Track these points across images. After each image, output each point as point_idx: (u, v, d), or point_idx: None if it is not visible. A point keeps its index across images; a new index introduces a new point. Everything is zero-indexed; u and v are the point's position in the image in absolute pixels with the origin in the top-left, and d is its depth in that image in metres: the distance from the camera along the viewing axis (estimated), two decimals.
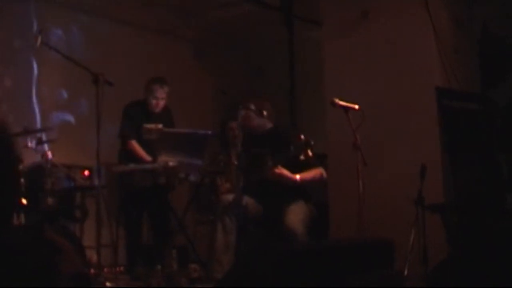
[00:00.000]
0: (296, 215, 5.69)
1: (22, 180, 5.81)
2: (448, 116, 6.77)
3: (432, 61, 6.92)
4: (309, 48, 9.09)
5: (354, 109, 5.64)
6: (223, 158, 7.73)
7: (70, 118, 8.10)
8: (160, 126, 6.96)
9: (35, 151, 5.87)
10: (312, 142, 5.43)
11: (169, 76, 8.03)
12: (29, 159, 6.36)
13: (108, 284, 5.86)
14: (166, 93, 7.19)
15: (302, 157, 5.42)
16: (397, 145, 6.86)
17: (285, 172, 5.72)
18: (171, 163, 6.54)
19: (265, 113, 5.97)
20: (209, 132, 7.18)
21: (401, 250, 4.91)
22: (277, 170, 5.68)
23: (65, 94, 8.15)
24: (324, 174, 6.08)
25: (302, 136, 5.46)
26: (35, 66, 7.76)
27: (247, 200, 5.83)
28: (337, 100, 5.61)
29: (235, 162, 6.94)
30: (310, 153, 5.40)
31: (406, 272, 5.23)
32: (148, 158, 6.85)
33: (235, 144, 7.70)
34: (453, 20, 7.38)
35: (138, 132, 6.91)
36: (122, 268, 7.11)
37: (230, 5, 9.04)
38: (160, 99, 7.16)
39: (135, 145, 7.00)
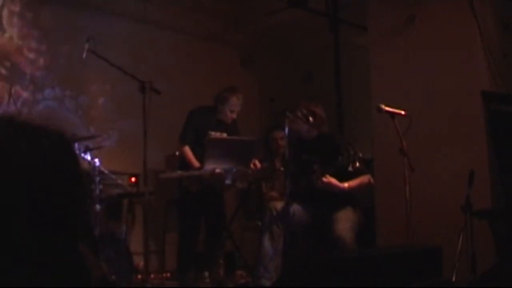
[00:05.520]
0: (345, 222, 5.68)
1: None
2: (496, 120, 6.70)
3: (479, 65, 6.85)
4: (355, 53, 9.07)
5: (400, 114, 5.61)
6: (268, 165, 7.74)
7: (117, 125, 8.16)
8: (224, 135, 6.97)
9: (82, 158, 5.92)
10: (361, 154, 5.44)
11: (216, 83, 8.06)
12: None
13: None
14: (241, 104, 7.16)
15: (350, 169, 5.43)
16: (444, 150, 6.81)
17: (333, 181, 5.71)
18: (217, 170, 6.56)
19: (311, 119, 5.96)
20: (256, 139, 7.15)
21: (449, 256, 4.88)
22: (325, 179, 5.68)
23: (112, 102, 8.21)
24: (372, 180, 6.06)
25: (350, 148, 5.45)
26: (83, 74, 7.83)
27: (295, 207, 5.83)
28: (383, 106, 5.58)
29: (281, 169, 6.95)
30: (357, 164, 5.40)
31: (454, 279, 5.18)
32: (197, 164, 6.85)
33: (279, 153, 7.70)
34: (500, 23, 7.31)
35: (202, 137, 6.85)
36: (169, 274, 7.16)
37: (277, 11, 9.04)
38: (235, 111, 7.14)
39: (187, 150, 6.99)
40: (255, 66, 10.06)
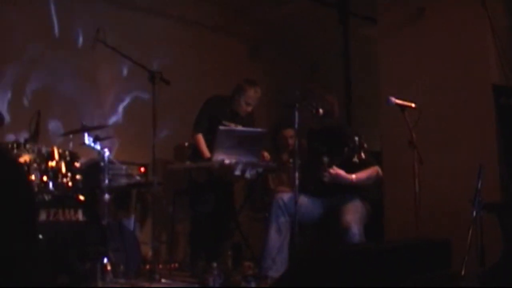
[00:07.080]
0: (353, 214, 5.67)
1: (79, 176, 5.90)
2: (506, 114, 6.67)
3: (489, 58, 6.80)
4: (364, 45, 9.03)
5: (410, 107, 5.59)
6: (275, 158, 7.71)
7: (126, 115, 8.16)
8: (240, 127, 6.94)
9: (92, 148, 5.93)
10: (366, 145, 5.41)
11: (223, 74, 8.06)
12: (86, 156, 6.44)
13: (163, 280, 5.91)
14: (258, 98, 7.13)
15: (355, 160, 5.40)
16: (453, 143, 6.78)
17: (341, 172, 5.70)
18: (226, 161, 6.55)
19: (321, 111, 5.93)
20: (265, 130, 7.11)
21: (458, 250, 4.86)
22: (332, 171, 5.67)
23: (122, 92, 8.20)
24: (380, 172, 6.04)
25: (356, 138, 5.42)
26: (93, 64, 7.81)
27: (302, 199, 5.81)
28: (393, 98, 5.56)
29: (291, 160, 6.92)
30: (363, 155, 5.38)
31: (463, 272, 5.16)
32: (207, 154, 6.84)
33: (287, 150, 7.68)
34: (511, 16, 7.26)
35: (215, 127, 6.83)
36: (177, 265, 7.16)
37: (285, 2, 9.01)
38: (251, 105, 7.10)
39: (199, 139, 6.99)
40: (263, 57, 10.03)
